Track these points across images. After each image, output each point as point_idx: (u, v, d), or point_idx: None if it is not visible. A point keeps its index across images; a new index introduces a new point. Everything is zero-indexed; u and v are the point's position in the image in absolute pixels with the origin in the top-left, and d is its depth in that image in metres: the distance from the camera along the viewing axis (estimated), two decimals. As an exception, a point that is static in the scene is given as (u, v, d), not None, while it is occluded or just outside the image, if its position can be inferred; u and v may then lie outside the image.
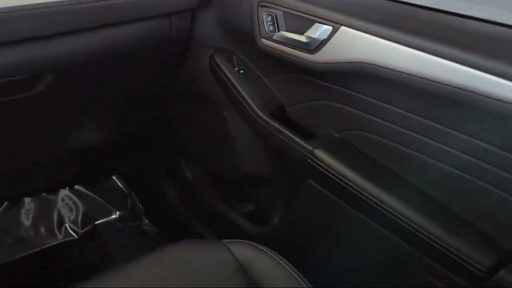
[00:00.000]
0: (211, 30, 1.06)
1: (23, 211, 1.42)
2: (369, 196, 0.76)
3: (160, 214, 1.49)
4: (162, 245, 0.84)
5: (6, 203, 1.39)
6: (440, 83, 0.63)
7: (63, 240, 1.42)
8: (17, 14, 0.75)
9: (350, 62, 0.75)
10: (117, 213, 1.52)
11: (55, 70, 0.88)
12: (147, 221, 1.52)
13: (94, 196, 1.52)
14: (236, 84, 0.99)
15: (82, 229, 1.46)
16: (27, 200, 1.43)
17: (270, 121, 0.92)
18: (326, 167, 0.82)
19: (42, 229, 1.42)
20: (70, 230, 1.44)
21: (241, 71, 1.02)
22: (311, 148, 0.84)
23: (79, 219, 1.47)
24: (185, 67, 1.14)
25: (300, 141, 0.87)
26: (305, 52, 0.81)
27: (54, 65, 0.87)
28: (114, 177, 1.58)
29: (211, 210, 1.28)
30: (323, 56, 0.78)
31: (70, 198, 1.49)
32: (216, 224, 1.29)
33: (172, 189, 1.44)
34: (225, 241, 0.85)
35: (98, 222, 1.49)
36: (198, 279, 0.78)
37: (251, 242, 0.85)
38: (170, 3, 0.98)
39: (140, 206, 1.54)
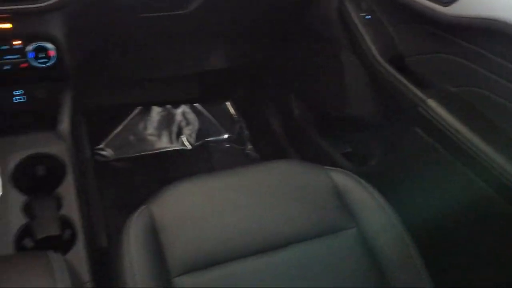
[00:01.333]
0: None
1: (150, 117, 1.65)
2: (477, 151, 0.79)
3: (264, 142, 1.63)
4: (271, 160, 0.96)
5: (139, 108, 1.63)
6: None
7: (178, 148, 1.64)
8: None
9: (483, 19, 0.76)
10: (226, 134, 1.70)
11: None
12: (250, 146, 1.68)
13: (209, 116, 1.71)
14: (361, 28, 1.04)
15: (195, 142, 1.66)
16: (155, 109, 1.65)
17: (387, 67, 0.97)
18: (437, 117, 0.85)
19: (163, 136, 1.65)
20: (185, 141, 1.65)
21: (368, 17, 1.07)
22: (424, 98, 0.88)
23: (194, 133, 1.67)
24: (313, 8, 1.21)
25: (414, 89, 0.91)
26: (438, 4, 0.83)
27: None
28: (228, 102, 1.74)
29: (312, 146, 1.37)
30: (457, 9, 0.80)
31: (189, 114, 1.69)
32: (315, 159, 1.40)
33: (278, 121, 1.56)
34: (326, 167, 0.94)
35: (209, 139, 1.68)
36: (297, 193, 0.88)
37: (349, 172, 0.93)
38: None
39: (247, 132, 1.70)
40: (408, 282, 0.79)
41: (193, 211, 0.81)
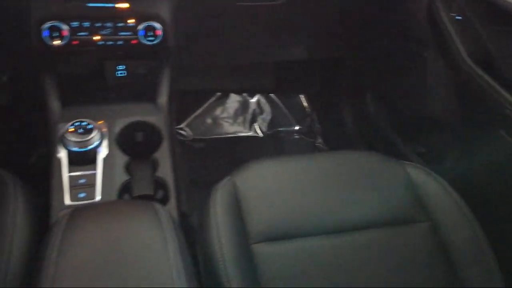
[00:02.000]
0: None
1: (227, 104, 1.74)
2: None
3: (334, 137, 1.66)
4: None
5: (218, 94, 1.72)
6: None
7: (250, 135, 1.72)
8: None
9: None
10: (297, 126, 1.75)
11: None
12: (320, 140, 1.71)
13: (283, 107, 1.76)
14: (450, 28, 1.05)
15: (266, 131, 1.73)
16: (233, 96, 1.74)
17: (476, 68, 0.97)
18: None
19: (238, 122, 1.73)
20: (258, 129, 1.72)
21: (458, 17, 1.06)
22: (512, 100, 0.88)
23: (267, 122, 1.74)
24: (401, 5, 1.22)
25: (503, 91, 0.90)
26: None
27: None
28: (302, 96, 1.79)
29: (385, 143, 1.38)
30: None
31: (264, 103, 1.76)
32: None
33: (351, 117, 1.58)
34: (402, 161, 0.96)
35: (280, 129, 1.74)
36: (372, 182, 0.92)
37: (425, 168, 0.95)
38: None
39: (318, 125, 1.74)
40: (480, 280, 0.79)
41: (273, 186, 0.87)
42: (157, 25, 0.96)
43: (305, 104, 1.79)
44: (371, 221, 0.86)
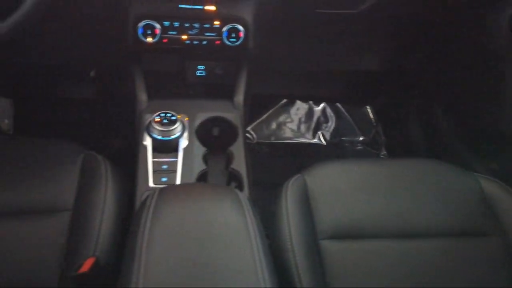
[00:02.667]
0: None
1: (293, 110, 1.78)
2: None
3: (400, 150, 1.64)
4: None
5: (285, 100, 1.77)
6: None
7: (314, 142, 1.74)
8: None
9: None
10: (362, 137, 1.75)
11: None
12: (385, 152, 1.70)
13: (348, 116, 1.77)
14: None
15: (330, 139, 1.74)
16: (298, 102, 1.78)
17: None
18: None
19: (302, 128, 1.76)
20: (321, 137, 1.74)
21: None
22: None
23: (331, 130, 1.75)
24: (481, 22, 1.20)
25: None
26: None
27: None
28: (368, 107, 1.79)
29: (455, 158, 1.35)
30: None
31: (329, 112, 1.78)
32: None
33: (418, 130, 1.56)
34: (475, 173, 0.95)
35: (344, 138, 1.75)
36: (442, 191, 0.91)
37: (499, 181, 0.92)
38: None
39: (383, 138, 1.73)
40: None
41: (342, 186, 0.89)
42: (240, 27, 1.01)
43: (371, 115, 1.79)
44: (440, 229, 0.86)
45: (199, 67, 1.17)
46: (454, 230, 0.86)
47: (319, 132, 1.75)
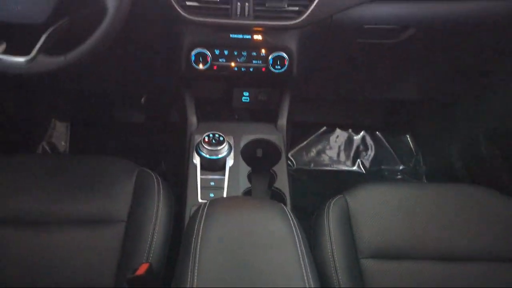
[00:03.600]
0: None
1: (333, 137, 1.81)
2: None
3: (440, 179, 1.63)
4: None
5: (324, 128, 1.81)
6: None
7: (353, 170, 1.76)
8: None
9: None
10: (402, 166, 1.75)
11: (417, 26, 1.12)
12: (425, 181, 1.69)
13: (387, 145, 1.79)
14: None
15: (369, 167, 1.75)
16: (338, 130, 1.81)
17: None
18: None
19: (341, 156, 1.79)
20: (361, 165, 1.76)
21: None
22: None
23: (370, 158, 1.77)
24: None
25: None
26: None
27: (417, 21, 1.11)
28: (408, 135, 1.80)
29: (499, 188, 1.34)
30: None
31: (369, 140, 1.80)
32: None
33: (460, 160, 1.55)
34: None
35: (384, 167, 1.75)
36: (486, 218, 0.91)
37: None
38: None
39: (424, 167, 1.72)
40: None
41: (382, 208, 0.91)
42: (285, 55, 1.08)
43: (411, 144, 1.79)
44: (481, 254, 0.86)
45: (244, 93, 1.24)
46: (495, 255, 0.86)
47: (359, 160, 1.77)
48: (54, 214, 0.89)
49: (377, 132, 1.80)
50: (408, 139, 1.80)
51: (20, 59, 0.82)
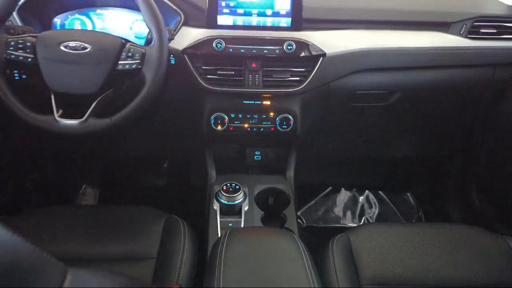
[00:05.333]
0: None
1: (339, 197, 1.95)
2: None
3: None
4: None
5: (330, 188, 1.95)
6: None
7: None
8: (394, 52, 1.23)
9: None
10: (404, 222, 1.86)
11: (403, 91, 1.32)
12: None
13: (390, 204, 1.92)
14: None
15: (375, 224, 1.87)
16: (343, 190, 1.95)
17: None
18: None
19: (347, 214, 1.91)
20: (366, 222, 1.88)
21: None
22: None
23: (375, 216, 1.89)
24: (496, 109, 1.40)
25: None
26: None
27: (402, 87, 1.32)
28: (409, 194, 1.93)
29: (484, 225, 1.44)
30: None
31: (372, 199, 1.93)
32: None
33: (456, 213, 1.67)
34: (504, 236, 1.06)
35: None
36: (474, 252, 1.02)
37: None
38: (498, 57, 1.28)
39: (425, 222, 1.83)
40: None
41: (383, 244, 1.03)
42: (290, 117, 1.27)
43: (412, 201, 1.92)
44: (475, 284, 0.96)
45: (256, 152, 1.42)
46: (486, 284, 0.96)
47: (364, 217, 1.89)
48: (93, 253, 1.02)
49: (380, 192, 1.94)
50: (409, 196, 1.93)
51: (75, 122, 1.02)
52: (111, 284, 0.52)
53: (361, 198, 1.94)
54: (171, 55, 1.16)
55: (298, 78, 1.22)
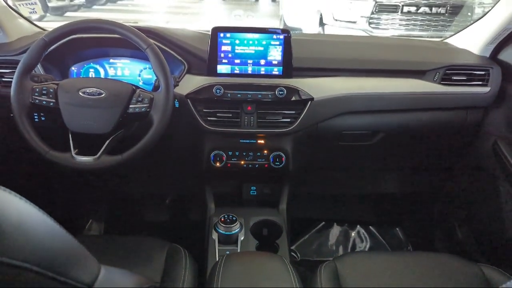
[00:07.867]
0: (499, 123, 1.43)
1: (331, 231, 2.05)
2: None
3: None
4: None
5: (323, 223, 2.05)
6: None
7: (351, 261, 1.95)
8: (375, 96, 1.38)
9: None
10: (394, 255, 1.95)
11: (385, 131, 1.46)
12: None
13: (380, 238, 2.01)
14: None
15: (366, 258, 1.95)
16: (335, 225, 2.05)
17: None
18: None
19: (340, 248, 2.00)
20: (358, 255, 1.96)
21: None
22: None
23: (366, 249, 1.98)
24: (472, 147, 1.53)
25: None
26: None
27: (385, 128, 1.45)
28: (398, 229, 2.03)
29: (464, 255, 1.54)
30: None
31: (363, 233, 2.03)
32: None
33: (443, 247, 1.77)
34: (479, 264, 1.16)
35: (379, 257, 1.95)
36: (451, 280, 1.11)
37: (499, 269, 1.12)
38: (469, 101, 1.43)
39: (414, 255, 1.92)
40: None
41: (367, 268, 1.13)
42: (282, 154, 1.40)
43: (401, 236, 2.01)
44: None
45: (252, 187, 1.54)
46: None
47: (356, 250, 1.98)
48: None
49: (370, 227, 2.04)
50: (398, 231, 2.03)
51: (89, 158, 1.14)
52: (139, 285, 0.61)
53: (353, 233, 2.04)
54: (176, 100, 1.30)
55: (289, 120, 1.36)
